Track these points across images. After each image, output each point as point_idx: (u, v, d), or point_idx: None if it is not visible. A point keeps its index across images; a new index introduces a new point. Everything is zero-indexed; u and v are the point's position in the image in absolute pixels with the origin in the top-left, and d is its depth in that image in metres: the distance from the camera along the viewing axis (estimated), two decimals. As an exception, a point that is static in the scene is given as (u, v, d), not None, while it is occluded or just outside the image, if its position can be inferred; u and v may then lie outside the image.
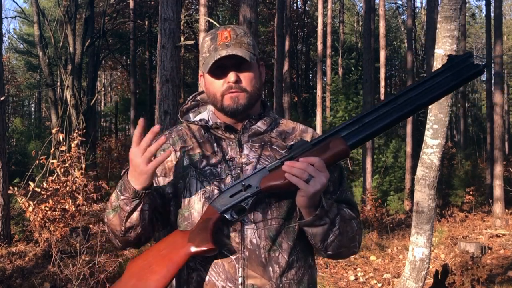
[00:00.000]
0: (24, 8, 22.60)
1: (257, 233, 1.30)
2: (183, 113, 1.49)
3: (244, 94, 1.35)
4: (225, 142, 1.39)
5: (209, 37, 1.39)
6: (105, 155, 17.81)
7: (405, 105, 1.25)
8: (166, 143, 1.43)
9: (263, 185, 1.26)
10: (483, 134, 24.65)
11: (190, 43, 9.81)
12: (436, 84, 1.25)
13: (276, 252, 1.31)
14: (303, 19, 24.27)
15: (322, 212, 1.26)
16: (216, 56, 1.31)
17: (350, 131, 1.27)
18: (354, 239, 1.37)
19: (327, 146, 1.25)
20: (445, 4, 3.92)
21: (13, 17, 37.02)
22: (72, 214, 7.47)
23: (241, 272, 1.28)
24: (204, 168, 1.36)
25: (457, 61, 1.24)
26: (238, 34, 1.36)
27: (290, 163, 1.23)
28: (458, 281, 5.31)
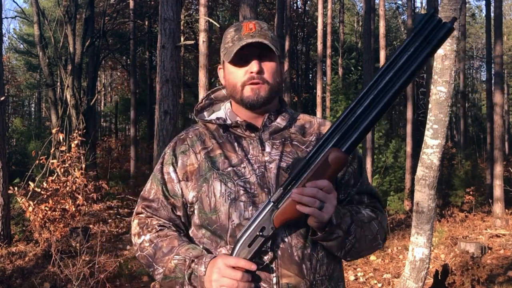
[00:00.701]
0: (24, 8, 22.62)
1: (288, 231, 1.28)
2: (198, 112, 1.47)
3: (265, 86, 1.33)
4: (245, 141, 1.37)
5: (233, 29, 1.37)
6: (105, 155, 17.82)
7: (387, 88, 1.18)
8: (184, 145, 1.42)
9: (277, 222, 1.22)
10: (483, 134, 24.65)
11: (190, 43, 9.80)
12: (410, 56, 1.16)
13: (307, 249, 1.29)
14: (303, 19, 24.27)
15: (332, 228, 1.24)
16: (241, 43, 1.30)
17: (341, 135, 1.21)
18: (375, 239, 1.36)
19: (326, 161, 1.20)
20: (445, 4, 3.92)
21: (13, 17, 37.04)
22: (72, 214, 7.48)
23: (276, 272, 1.27)
24: (227, 169, 1.33)
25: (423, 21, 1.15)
26: (262, 27, 1.35)
27: (299, 192, 1.18)
28: (458, 281, 5.31)
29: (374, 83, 1.19)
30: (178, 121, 8.28)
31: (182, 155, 1.40)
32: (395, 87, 1.17)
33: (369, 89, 1.19)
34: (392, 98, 1.18)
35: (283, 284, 1.26)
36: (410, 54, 1.16)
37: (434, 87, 3.98)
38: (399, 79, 1.17)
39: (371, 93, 1.19)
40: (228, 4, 23.02)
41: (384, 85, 1.18)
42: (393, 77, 1.17)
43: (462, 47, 18.76)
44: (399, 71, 1.17)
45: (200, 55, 9.39)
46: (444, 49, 3.91)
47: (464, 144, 21.07)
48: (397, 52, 1.18)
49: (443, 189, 13.69)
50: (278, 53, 1.35)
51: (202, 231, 1.35)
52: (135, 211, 1.48)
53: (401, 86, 1.17)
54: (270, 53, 1.33)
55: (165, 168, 1.42)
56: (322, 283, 1.31)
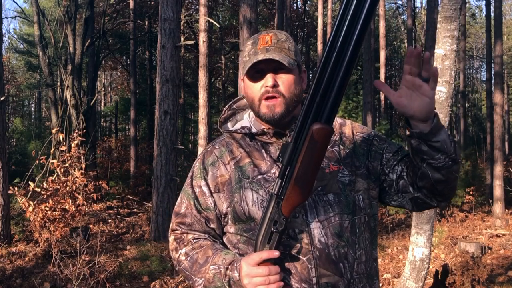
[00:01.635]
0: (24, 8, 22.62)
1: (324, 231, 1.30)
2: (222, 123, 1.49)
3: (280, 99, 1.33)
4: (273, 147, 1.39)
5: (251, 41, 1.38)
6: (105, 155, 17.80)
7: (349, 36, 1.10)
8: (213, 156, 1.44)
9: (286, 211, 1.23)
10: (483, 134, 24.66)
11: (190, 43, 9.81)
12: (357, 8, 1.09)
13: (344, 248, 1.31)
14: (303, 19, 24.27)
15: (438, 121, 1.19)
16: (253, 60, 1.31)
17: (316, 108, 1.17)
18: (456, 179, 1.31)
19: (312, 137, 1.18)
20: (445, 4, 3.92)
21: (13, 17, 37.05)
22: (72, 214, 7.48)
23: (315, 272, 1.28)
24: (257, 176, 1.36)
25: None
26: (279, 39, 1.35)
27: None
28: (458, 281, 5.31)
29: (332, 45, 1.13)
30: (178, 121, 8.30)
31: (211, 167, 1.42)
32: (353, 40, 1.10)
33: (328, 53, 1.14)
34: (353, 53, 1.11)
35: (322, 284, 1.28)
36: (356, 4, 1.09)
37: (434, 87, 3.97)
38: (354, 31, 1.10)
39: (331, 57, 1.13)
40: (228, 4, 23.02)
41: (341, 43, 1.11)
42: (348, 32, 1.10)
43: (462, 47, 18.74)
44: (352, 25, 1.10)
45: (200, 55, 9.39)
46: (444, 49, 3.92)
47: (464, 144, 21.07)
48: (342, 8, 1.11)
49: (443, 189, 13.67)
50: (293, 66, 1.34)
51: (237, 237, 1.38)
52: (170, 228, 1.50)
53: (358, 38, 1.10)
54: (285, 66, 1.33)
55: (196, 182, 1.44)
56: (360, 281, 1.33)
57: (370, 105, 13.28)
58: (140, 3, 19.57)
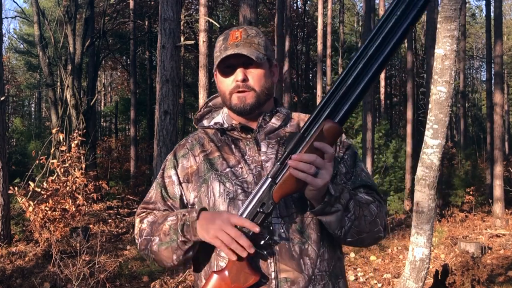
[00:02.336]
0: (24, 8, 22.63)
1: (285, 227, 1.31)
2: (198, 120, 1.52)
3: (252, 93, 1.37)
4: (242, 142, 1.42)
5: (222, 37, 1.41)
6: (105, 155, 17.82)
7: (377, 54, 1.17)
8: (184, 149, 1.47)
9: (277, 197, 1.24)
10: (483, 134, 24.67)
11: (190, 43, 9.81)
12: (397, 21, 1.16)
13: (305, 245, 1.31)
14: (303, 19, 24.27)
15: (331, 199, 1.23)
16: (223, 55, 1.34)
17: (333, 107, 1.21)
18: (375, 223, 1.34)
19: (321, 131, 1.20)
20: (445, 4, 3.92)
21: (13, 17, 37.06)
22: (72, 214, 7.48)
23: (274, 266, 1.29)
24: (225, 170, 1.38)
25: None
26: (249, 34, 1.38)
27: (297, 157, 1.19)
28: (458, 281, 5.31)
29: (363, 52, 1.19)
30: (178, 121, 8.29)
31: (182, 158, 1.46)
32: (384, 54, 1.17)
33: (358, 58, 1.20)
34: (381, 65, 1.18)
35: (281, 279, 1.29)
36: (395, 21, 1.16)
37: (434, 87, 3.98)
38: (387, 46, 1.17)
39: (360, 62, 1.19)
40: (228, 4, 23.02)
41: (374, 50, 1.18)
42: (381, 44, 1.17)
43: (462, 47, 18.75)
44: (386, 38, 1.17)
45: (200, 55, 9.39)
46: (444, 49, 3.91)
47: (464, 144, 21.07)
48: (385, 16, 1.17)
49: (443, 189, 13.69)
50: (263, 61, 1.36)
51: None
52: (136, 214, 1.52)
53: (389, 53, 1.17)
54: (255, 60, 1.35)
55: (167, 173, 1.47)
56: (322, 278, 1.33)
57: (370, 105, 13.28)
58: (140, 3, 19.57)
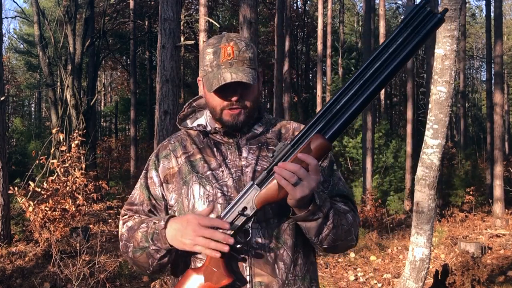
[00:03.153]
0: (24, 8, 22.62)
1: (261, 232, 1.33)
2: (181, 120, 1.52)
3: (244, 110, 1.38)
4: (224, 146, 1.43)
5: (211, 50, 1.37)
6: (105, 155, 17.82)
7: (375, 77, 1.19)
8: (166, 150, 1.47)
9: (259, 203, 1.26)
10: (483, 134, 24.66)
11: (190, 43, 9.81)
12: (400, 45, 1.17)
13: (281, 250, 1.33)
14: (303, 19, 24.27)
15: (315, 208, 1.26)
16: (220, 80, 1.32)
17: (325, 122, 1.24)
18: (349, 232, 1.37)
19: (308, 146, 1.23)
20: (445, 4, 3.92)
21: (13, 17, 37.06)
22: (72, 214, 7.47)
23: (249, 270, 1.31)
24: (206, 172, 1.39)
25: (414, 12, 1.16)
26: (240, 49, 1.36)
27: (283, 165, 1.22)
28: (458, 281, 5.31)
29: (361, 73, 1.20)
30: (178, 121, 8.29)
31: (163, 159, 1.46)
32: (382, 76, 1.19)
33: (356, 78, 1.21)
34: (378, 88, 1.20)
35: (256, 283, 1.31)
36: (399, 44, 1.17)
37: (434, 87, 3.98)
38: (386, 69, 1.18)
39: (357, 82, 1.21)
40: (228, 4, 23.02)
41: (370, 75, 1.19)
42: (380, 66, 1.18)
43: (462, 47, 18.75)
44: (387, 61, 1.18)
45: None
46: (444, 49, 3.92)
47: (464, 144, 21.07)
48: (386, 42, 1.18)
49: (443, 189, 13.69)
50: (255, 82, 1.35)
51: None
52: (120, 215, 1.53)
53: (388, 76, 1.19)
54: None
55: (149, 173, 1.48)
56: (295, 282, 1.35)
57: (370, 105, 13.28)
58: (140, 3, 19.57)
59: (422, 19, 1.16)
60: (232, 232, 1.25)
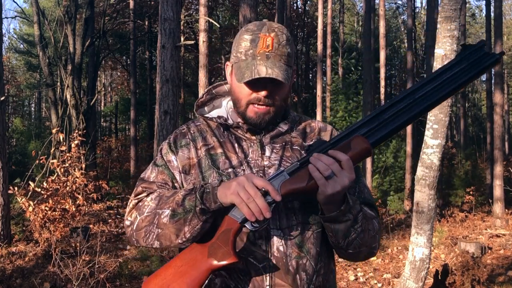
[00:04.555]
0: (24, 8, 22.62)
1: (284, 240, 1.26)
2: (198, 107, 1.43)
3: (271, 109, 1.31)
4: (245, 143, 1.35)
5: (249, 36, 1.29)
6: (105, 155, 17.82)
7: (424, 99, 1.22)
8: (186, 139, 1.38)
9: (284, 190, 1.19)
10: (483, 134, 24.65)
11: (190, 43, 9.81)
12: (453, 76, 1.21)
13: (303, 259, 1.27)
14: (303, 19, 24.27)
15: (346, 208, 1.21)
16: (254, 73, 1.24)
17: (370, 128, 1.22)
18: (374, 238, 1.33)
19: (349, 145, 1.20)
20: (445, 4, 3.92)
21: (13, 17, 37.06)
22: (72, 214, 7.48)
23: (269, 280, 1.24)
24: (227, 169, 1.31)
25: (471, 50, 1.21)
26: (280, 42, 1.28)
27: (318, 155, 1.18)
28: (458, 281, 5.31)
29: (413, 92, 1.23)
30: (178, 121, 8.28)
31: (183, 148, 1.37)
32: (432, 99, 1.22)
33: (407, 96, 1.24)
34: (425, 108, 1.23)
35: None
36: (453, 74, 1.22)
37: (434, 87, 3.97)
38: (437, 94, 1.22)
39: (408, 98, 1.23)
40: (228, 4, 23.01)
41: (422, 95, 1.22)
42: (433, 89, 1.22)
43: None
44: (440, 86, 1.22)
45: (200, 55, 9.39)
46: (444, 49, 3.91)
47: (464, 144, 21.07)
48: (443, 69, 1.23)
49: (443, 189, 13.69)
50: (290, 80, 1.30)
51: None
52: (134, 192, 1.38)
53: (438, 101, 1.23)
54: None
55: (167, 157, 1.37)
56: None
57: (370, 105, 13.28)
58: (140, 3, 19.57)
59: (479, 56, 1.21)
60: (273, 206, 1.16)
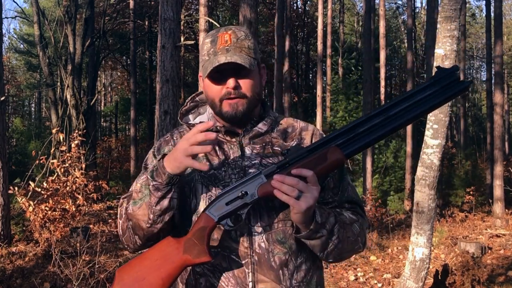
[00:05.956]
0: (24, 8, 22.61)
1: (265, 237, 1.29)
2: (183, 115, 1.47)
3: (243, 100, 1.33)
4: (226, 145, 1.38)
5: (209, 39, 1.35)
6: (105, 155, 17.83)
7: (397, 117, 1.24)
8: (169, 146, 1.42)
9: (261, 192, 1.23)
10: (483, 134, 24.66)
11: (190, 43, 9.81)
12: (425, 98, 1.24)
13: (286, 255, 1.30)
14: (303, 19, 24.27)
15: (317, 226, 1.24)
16: (215, 63, 1.29)
17: (346, 140, 1.25)
18: (356, 241, 1.36)
19: (324, 155, 1.23)
20: (445, 4, 3.92)
21: (13, 17, 37.07)
22: (72, 214, 7.47)
23: (251, 277, 1.27)
24: (208, 172, 1.34)
25: (444, 74, 1.24)
26: (239, 37, 1.33)
27: (280, 178, 1.20)
28: (458, 281, 5.31)
29: (388, 108, 1.26)
30: (178, 121, 8.30)
31: None
32: (404, 118, 1.25)
33: (381, 112, 1.26)
34: (398, 126, 1.26)
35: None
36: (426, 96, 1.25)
37: (434, 87, 3.97)
38: (409, 113, 1.25)
39: (382, 115, 1.25)
40: (228, 4, 23.02)
41: (396, 113, 1.25)
42: (406, 109, 1.25)
43: (462, 47, 18.75)
44: (412, 106, 1.25)
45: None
46: (444, 49, 3.92)
47: (464, 144, 21.07)
48: (416, 90, 1.26)
49: (443, 189, 13.69)
50: (254, 67, 1.33)
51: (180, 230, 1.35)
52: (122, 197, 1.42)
53: (409, 120, 1.26)
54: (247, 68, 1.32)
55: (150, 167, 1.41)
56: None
57: (370, 105, 13.28)
58: (140, 3, 19.58)
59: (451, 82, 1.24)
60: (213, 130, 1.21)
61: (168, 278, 1.23)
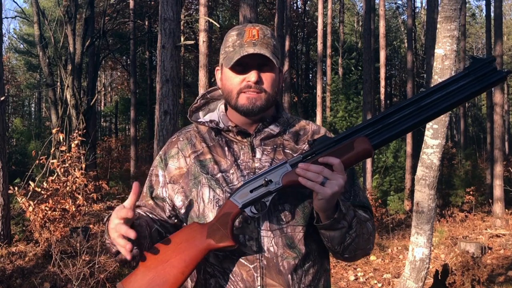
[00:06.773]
0: (24, 8, 22.61)
1: (274, 240, 1.28)
2: (192, 113, 1.45)
3: (262, 95, 1.32)
4: (236, 145, 1.36)
5: (235, 32, 1.34)
6: (105, 155, 17.82)
7: (429, 107, 1.23)
8: (175, 148, 1.41)
9: (285, 181, 1.23)
10: (483, 134, 24.66)
11: (190, 43, 9.81)
12: (459, 88, 1.22)
13: (295, 260, 1.29)
14: (303, 19, 24.27)
15: (340, 215, 1.24)
16: (242, 52, 1.28)
17: (374, 130, 1.24)
18: (369, 241, 1.36)
19: (351, 145, 1.23)
20: (445, 4, 3.92)
21: (13, 17, 37.03)
22: (72, 214, 7.47)
23: (260, 281, 1.27)
24: (216, 175, 1.33)
25: (479, 65, 1.22)
26: (266, 34, 1.33)
27: (304, 166, 1.19)
28: (458, 281, 5.31)
29: (419, 99, 1.25)
30: (178, 121, 8.28)
31: (172, 158, 1.40)
32: (436, 109, 1.24)
33: (412, 102, 1.25)
34: (429, 117, 1.24)
35: None
36: (460, 86, 1.23)
37: (434, 87, 3.97)
38: (442, 103, 1.23)
39: (413, 105, 1.24)
40: (228, 4, 23.03)
41: (428, 103, 1.24)
42: (438, 99, 1.24)
43: (462, 47, 18.74)
44: (445, 96, 1.23)
45: (200, 55, 9.39)
46: (444, 49, 3.92)
47: (464, 144, 21.07)
48: (450, 80, 1.24)
49: (443, 189, 13.69)
50: (278, 65, 1.33)
51: None
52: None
53: (442, 110, 1.24)
54: (270, 63, 1.31)
55: (155, 171, 1.43)
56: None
57: (370, 105, 13.28)
58: (140, 3, 19.58)
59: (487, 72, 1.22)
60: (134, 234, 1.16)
61: (191, 261, 1.24)
